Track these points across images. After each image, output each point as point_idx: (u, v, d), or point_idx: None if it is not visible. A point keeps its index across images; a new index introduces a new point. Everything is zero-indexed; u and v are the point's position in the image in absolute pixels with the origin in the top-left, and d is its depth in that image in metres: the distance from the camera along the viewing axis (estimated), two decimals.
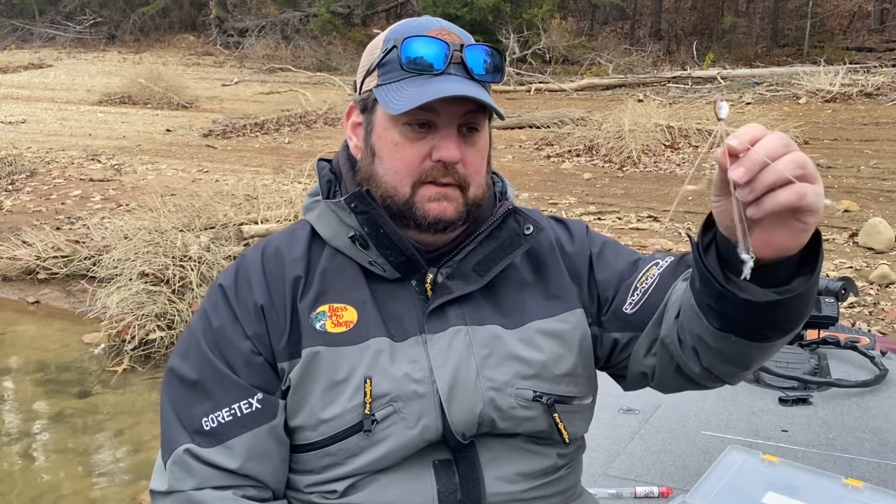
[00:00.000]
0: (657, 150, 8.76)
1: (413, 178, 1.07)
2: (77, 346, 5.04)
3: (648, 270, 1.15)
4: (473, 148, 1.10)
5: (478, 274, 1.12)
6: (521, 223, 1.15)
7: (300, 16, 20.46)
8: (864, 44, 16.58)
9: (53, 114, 12.69)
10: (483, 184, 1.12)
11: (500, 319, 1.12)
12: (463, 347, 1.08)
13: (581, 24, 19.11)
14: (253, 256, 1.14)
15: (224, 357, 1.08)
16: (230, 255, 5.32)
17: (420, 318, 1.09)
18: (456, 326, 1.09)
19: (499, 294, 1.14)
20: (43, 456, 3.87)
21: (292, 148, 10.12)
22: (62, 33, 22.32)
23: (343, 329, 1.07)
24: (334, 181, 1.18)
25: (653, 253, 1.22)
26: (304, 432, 1.07)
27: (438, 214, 1.08)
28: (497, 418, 1.07)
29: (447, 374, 1.06)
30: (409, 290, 1.11)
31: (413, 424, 1.04)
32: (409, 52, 1.06)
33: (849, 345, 1.96)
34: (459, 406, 1.05)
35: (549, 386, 1.10)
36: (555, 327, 1.13)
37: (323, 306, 1.08)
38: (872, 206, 6.65)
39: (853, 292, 2.17)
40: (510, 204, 1.16)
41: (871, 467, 1.55)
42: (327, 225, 1.12)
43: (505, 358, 1.09)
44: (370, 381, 1.04)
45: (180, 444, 1.06)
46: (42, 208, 7.37)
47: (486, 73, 1.08)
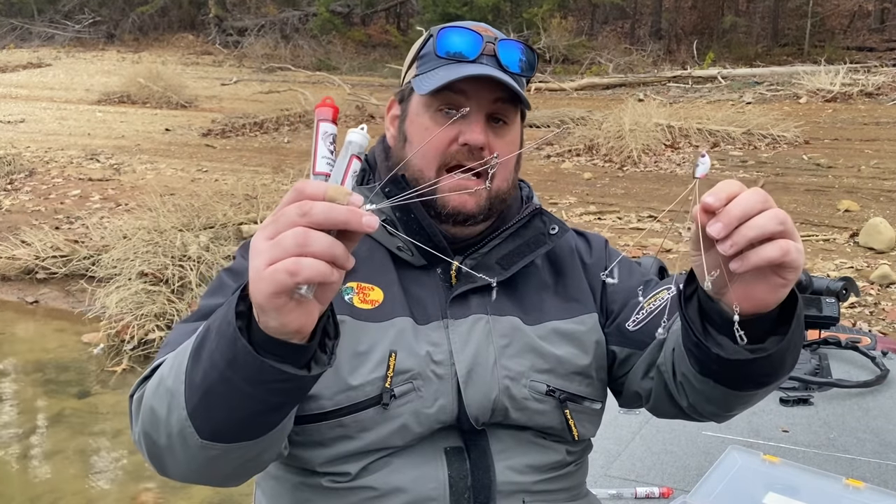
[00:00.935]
0: (657, 149, 8.76)
1: (439, 162, 1.11)
2: (76, 345, 5.04)
3: (659, 293, 1.17)
4: (501, 139, 1.12)
5: (501, 267, 1.15)
6: (547, 223, 1.20)
7: (299, 15, 20.45)
8: (864, 43, 16.58)
9: (52, 113, 12.68)
10: (509, 178, 1.16)
11: (519, 314, 1.15)
12: (483, 335, 1.11)
13: (581, 23, 19.11)
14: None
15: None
16: (229, 254, 5.31)
17: (443, 304, 1.12)
18: (477, 314, 1.12)
19: (520, 291, 1.17)
20: (42, 456, 3.86)
21: (291, 147, 10.11)
22: (61, 32, 22.30)
23: (369, 307, 1.10)
24: (368, 171, 1.22)
25: (674, 276, 1.21)
26: (319, 401, 1.05)
27: (458, 206, 1.11)
28: (510, 407, 1.09)
29: (466, 358, 1.09)
30: (433, 277, 1.14)
31: (430, 404, 1.06)
32: (444, 40, 1.11)
33: (850, 345, 1.95)
34: (476, 390, 1.08)
35: (563, 382, 1.13)
36: (571, 328, 1.16)
37: (351, 283, 1.11)
38: (873, 206, 6.65)
39: (854, 292, 2.16)
40: (537, 204, 1.21)
41: (871, 468, 1.55)
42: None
43: (523, 349, 1.12)
44: (395, 356, 1.06)
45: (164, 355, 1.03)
46: (41, 208, 7.37)
47: (518, 67, 1.12)
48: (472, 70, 1.08)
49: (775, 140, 8.96)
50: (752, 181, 7.63)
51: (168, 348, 1.03)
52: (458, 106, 1.09)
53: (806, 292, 2.07)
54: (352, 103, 12.27)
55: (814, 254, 5.57)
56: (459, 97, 1.10)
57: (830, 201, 6.89)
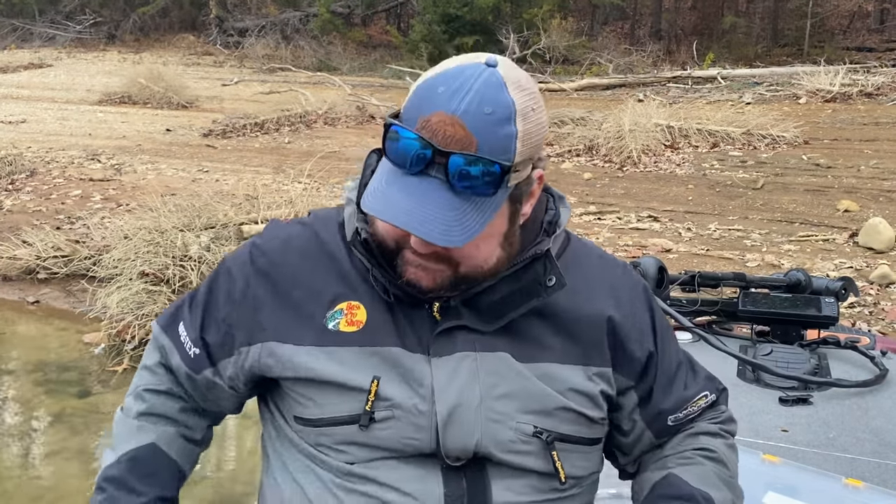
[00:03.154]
0: (657, 149, 8.77)
1: (394, 241, 1.04)
2: (77, 345, 5.05)
3: (699, 399, 1.19)
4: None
5: (492, 314, 1.07)
6: (547, 270, 1.07)
7: (300, 16, 20.45)
8: (864, 44, 16.58)
9: (53, 113, 12.68)
10: (482, 264, 1.04)
11: (511, 349, 1.07)
12: (469, 374, 1.05)
13: (581, 23, 19.11)
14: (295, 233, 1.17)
15: (211, 300, 1.16)
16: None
17: (428, 338, 1.07)
18: (464, 352, 1.06)
19: (516, 327, 1.09)
20: (43, 456, 3.87)
21: (292, 148, 10.12)
22: (62, 33, 22.31)
23: (354, 328, 1.07)
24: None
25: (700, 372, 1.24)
26: (310, 407, 1.08)
27: (413, 280, 1.03)
28: (495, 451, 1.05)
29: (449, 398, 1.04)
30: (421, 308, 1.08)
31: (408, 435, 1.04)
32: (390, 146, 0.98)
33: (849, 345, 1.95)
34: (456, 432, 1.04)
35: (552, 423, 1.07)
36: (566, 374, 1.09)
37: (341, 304, 1.08)
38: (872, 206, 6.66)
39: (853, 292, 2.17)
40: (542, 248, 1.08)
41: (871, 467, 1.55)
42: (350, 229, 1.11)
43: (511, 388, 1.06)
44: (378, 382, 1.04)
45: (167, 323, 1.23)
46: (42, 208, 7.37)
47: (467, 186, 0.95)
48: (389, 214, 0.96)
49: (775, 140, 8.97)
50: (752, 181, 7.64)
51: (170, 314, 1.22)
52: None
53: (805, 292, 2.08)
54: (352, 104, 12.27)
55: (813, 254, 5.58)
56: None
57: (830, 201, 6.90)
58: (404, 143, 0.97)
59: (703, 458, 1.14)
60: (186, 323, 1.17)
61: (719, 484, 1.11)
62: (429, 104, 0.97)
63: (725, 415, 1.23)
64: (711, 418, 1.21)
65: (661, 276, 1.99)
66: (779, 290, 2.11)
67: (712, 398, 1.21)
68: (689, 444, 1.16)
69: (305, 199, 6.11)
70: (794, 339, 1.97)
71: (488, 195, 0.97)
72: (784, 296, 2.03)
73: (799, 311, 1.96)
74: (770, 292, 2.09)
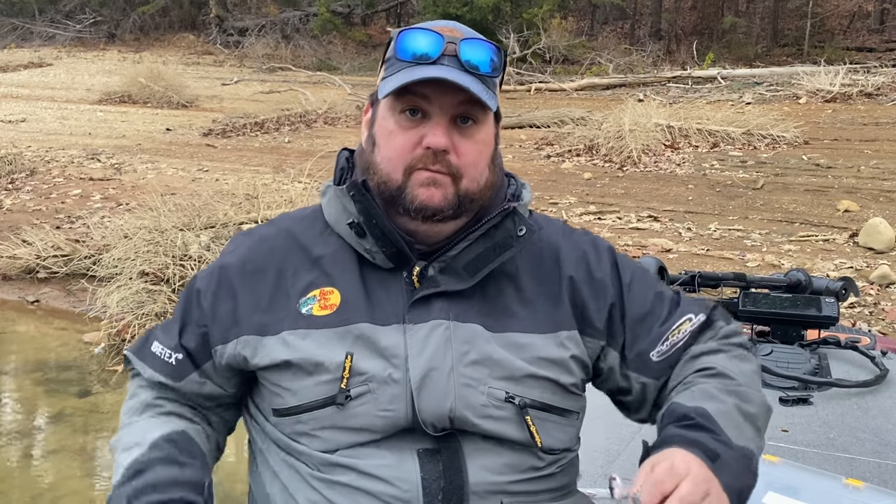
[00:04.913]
0: (657, 149, 8.77)
1: (404, 165, 1.10)
2: (77, 345, 5.05)
3: (682, 325, 1.17)
4: (469, 139, 1.11)
5: (468, 273, 1.12)
6: (516, 224, 1.14)
7: (300, 15, 20.46)
8: (864, 44, 16.58)
9: (53, 113, 12.69)
10: (479, 178, 1.13)
11: (482, 320, 1.12)
12: (441, 341, 1.08)
13: (581, 23, 19.11)
14: (263, 233, 1.22)
15: (188, 307, 1.19)
16: None
17: (404, 307, 1.11)
18: (438, 320, 1.10)
19: (488, 295, 1.14)
20: (43, 455, 3.87)
21: (292, 147, 10.12)
22: (62, 32, 22.31)
23: (328, 312, 1.10)
24: (347, 169, 1.21)
25: (686, 301, 1.21)
26: (285, 396, 1.11)
27: (425, 200, 1.09)
28: (471, 416, 1.07)
29: (421, 364, 1.07)
30: (399, 280, 1.13)
31: (385, 407, 1.06)
32: (403, 42, 1.09)
33: (849, 345, 1.95)
34: (429, 397, 1.06)
35: (523, 389, 1.10)
36: (534, 343, 1.12)
37: (314, 291, 1.12)
38: (872, 207, 6.66)
39: (853, 292, 2.17)
40: (511, 204, 1.15)
41: (871, 467, 1.55)
42: (332, 210, 1.17)
43: (482, 356, 1.09)
44: (351, 358, 1.07)
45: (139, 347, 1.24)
46: (42, 207, 7.37)
47: (482, 66, 1.09)
48: (428, 73, 1.06)
49: (775, 140, 8.97)
50: (752, 181, 7.65)
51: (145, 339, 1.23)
52: (422, 109, 1.09)
53: (805, 292, 2.08)
54: (352, 103, 12.27)
55: (813, 254, 5.58)
56: (422, 101, 1.08)
57: (830, 201, 6.90)
58: (419, 36, 1.09)
59: (701, 378, 1.12)
60: (160, 339, 1.20)
61: (718, 395, 1.07)
62: (422, 28, 1.11)
63: (724, 329, 1.20)
64: (709, 338, 1.18)
65: (661, 276, 1.98)
66: (779, 290, 2.11)
67: (700, 318, 1.18)
68: (689, 368, 1.15)
69: (305, 198, 6.11)
70: (794, 340, 1.97)
71: (495, 75, 1.11)
72: (784, 296, 2.03)
73: (799, 311, 1.96)
74: (770, 292, 2.08)
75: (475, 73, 1.09)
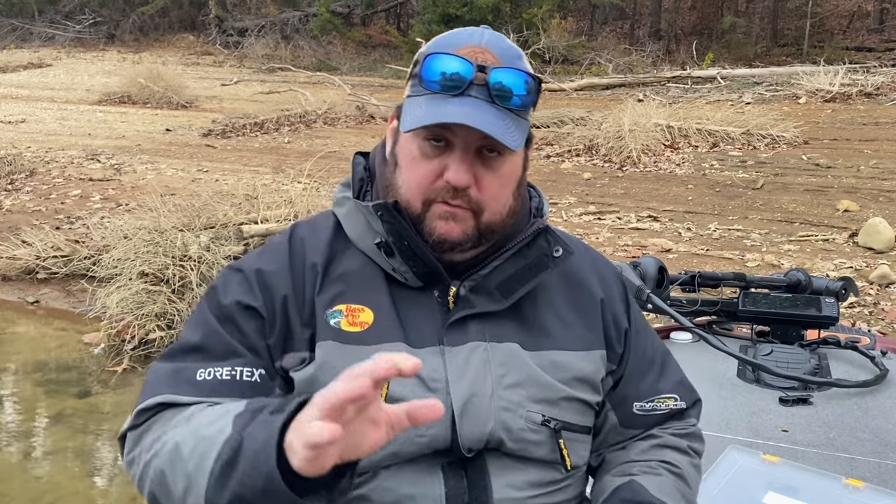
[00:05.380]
0: (657, 149, 8.77)
1: (423, 196, 1.06)
2: (77, 345, 5.04)
3: (668, 399, 1.21)
4: (493, 172, 1.06)
5: (501, 294, 1.11)
6: (551, 244, 1.13)
7: (300, 15, 20.45)
8: (863, 44, 16.58)
9: (53, 113, 12.68)
10: (501, 210, 1.09)
11: (520, 338, 1.11)
12: (480, 364, 1.07)
13: (581, 23, 19.11)
14: (280, 243, 1.14)
15: (231, 330, 1.06)
16: (230, 254, 5.32)
17: (440, 329, 1.08)
18: (475, 342, 1.08)
19: (523, 312, 1.13)
20: (43, 456, 3.86)
21: (292, 148, 10.12)
22: (61, 33, 22.30)
23: (358, 329, 1.06)
24: (366, 180, 1.17)
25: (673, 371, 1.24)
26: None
27: (443, 234, 1.06)
28: (506, 439, 1.07)
29: (463, 389, 1.05)
30: (430, 299, 1.10)
31: (422, 432, 1.03)
32: (428, 71, 1.04)
33: (849, 345, 1.95)
34: (471, 422, 1.05)
35: (558, 412, 1.10)
36: (572, 361, 1.13)
37: (340, 305, 1.08)
38: (872, 206, 6.65)
39: (853, 292, 2.17)
40: (542, 223, 1.14)
41: (871, 467, 1.55)
42: (355, 225, 1.12)
43: (520, 378, 1.08)
44: (387, 385, 1.01)
45: (158, 393, 1.02)
46: (41, 208, 7.37)
47: (513, 100, 1.03)
48: (451, 113, 1.00)
49: (774, 140, 8.97)
50: (752, 181, 7.64)
51: (157, 386, 1.03)
52: (445, 138, 1.04)
53: (805, 292, 2.08)
54: (352, 104, 12.27)
55: (813, 254, 5.58)
56: (445, 131, 1.03)
57: (830, 201, 6.90)
58: (446, 63, 1.03)
59: (666, 472, 1.15)
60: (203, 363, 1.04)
61: (678, 497, 1.12)
62: (450, 45, 1.06)
63: (693, 429, 1.24)
64: (679, 429, 1.22)
65: (661, 276, 1.98)
66: (779, 290, 2.11)
67: (681, 405, 1.22)
68: (655, 455, 1.18)
69: (305, 198, 6.10)
70: (794, 340, 1.97)
71: (524, 107, 1.06)
72: (784, 296, 2.03)
73: (799, 311, 1.96)
74: (770, 292, 2.09)
75: (505, 106, 1.03)
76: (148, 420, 1.04)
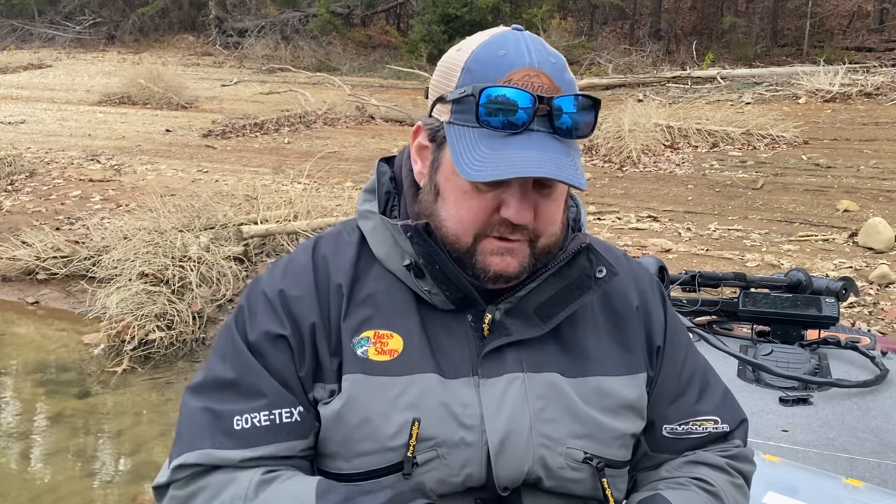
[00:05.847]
0: (657, 150, 8.77)
1: (477, 231, 0.99)
2: (76, 346, 5.04)
3: (706, 422, 1.12)
4: (549, 200, 0.99)
5: (540, 318, 1.03)
6: (594, 263, 1.05)
7: (300, 16, 20.46)
8: (863, 44, 16.59)
9: (53, 114, 12.68)
10: (556, 231, 1.02)
11: (560, 366, 1.03)
12: (518, 398, 1.00)
13: (581, 24, 19.12)
14: (303, 264, 1.06)
15: (264, 363, 1.00)
16: (230, 255, 5.32)
17: (474, 359, 1.01)
18: (513, 373, 1.01)
19: (563, 337, 1.05)
20: (42, 456, 3.86)
21: (292, 148, 10.12)
22: (61, 33, 22.31)
23: (387, 358, 0.99)
24: (393, 193, 1.09)
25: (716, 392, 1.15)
26: (337, 462, 1.01)
27: (500, 270, 0.99)
28: (544, 477, 1.01)
29: (500, 426, 0.98)
30: (463, 324, 1.03)
31: (456, 472, 0.98)
32: (488, 106, 0.93)
33: (849, 345, 1.95)
34: (508, 461, 0.99)
35: (601, 448, 1.04)
36: (617, 388, 1.05)
37: (367, 332, 1.01)
38: (872, 206, 6.66)
39: (853, 292, 2.17)
40: (585, 239, 1.05)
41: (871, 467, 1.55)
42: (382, 244, 1.04)
43: (560, 413, 1.01)
44: (418, 424, 0.96)
45: (197, 447, 0.97)
46: (41, 209, 7.37)
47: (576, 129, 0.96)
48: (521, 163, 0.92)
49: (774, 140, 8.97)
50: (752, 181, 7.64)
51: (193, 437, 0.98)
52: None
53: (805, 292, 2.08)
54: (352, 104, 12.27)
55: (813, 254, 5.58)
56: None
57: (829, 201, 6.90)
58: (510, 97, 0.93)
59: (697, 488, 1.06)
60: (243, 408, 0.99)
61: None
62: (499, 67, 0.95)
63: (738, 450, 1.14)
64: (721, 450, 1.13)
65: (661, 276, 1.98)
66: (779, 290, 2.11)
67: (723, 428, 1.13)
68: (687, 471, 1.10)
69: (305, 199, 6.10)
70: (794, 340, 1.97)
71: (587, 135, 0.97)
72: (784, 296, 2.03)
73: (799, 311, 1.96)
74: (770, 292, 2.08)
75: (568, 137, 0.96)
76: (189, 480, 0.98)
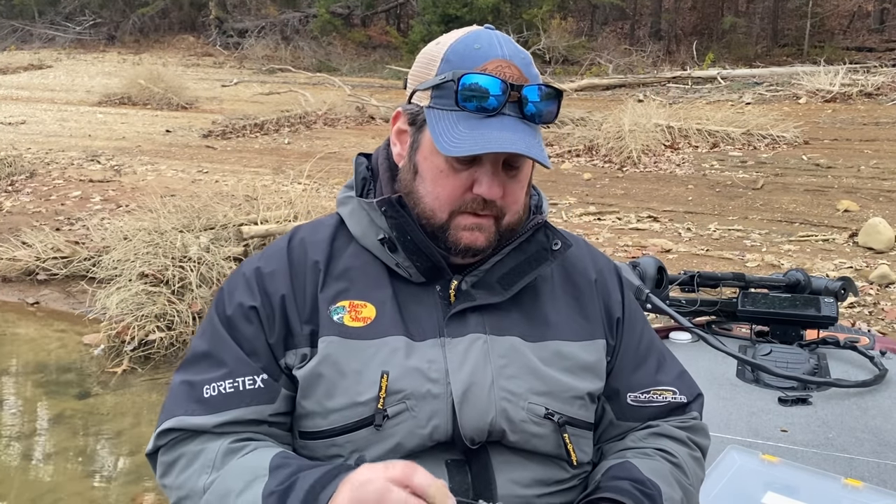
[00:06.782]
0: (657, 150, 8.77)
1: (452, 207, 1.09)
2: (77, 347, 5.04)
3: (665, 391, 1.21)
4: (515, 181, 1.11)
5: (502, 286, 1.13)
6: (550, 238, 1.17)
7: (300, 16, 20.47)
8: (864, 44, 16.60)
9: (53, 115, 12.69)
10: (520, 210, 1.14)
11: (521, 331, 1.12)
12: (480, 355, 1.08)
13: (581, 24, 19.13)
14: (279, 245, 1.17)
15: (234, 335, 1.10)
16: (230, 255, 5.32)
17: (441, 322, 1.10)
18: (475, 333, 1.10)
19: (524, 305, 1.15)
20: (43, 456, 3.86)
21: (292, 148, 10.12)
22: (62, 34, 22.33)
23: (360, 324, 1.09)
24: (369, 179, 1.19)
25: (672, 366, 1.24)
26: (314, 419, 1.08)
27: (469, 243, 1.10)
28: (508, 430, 1.07)
29: (463, 378, 1.06)
30: (432, 294, 1.12)
31: (423, 424, 1.05)
32: (465, 91, 1.05)
33: (848, 345, 1.95)
34: (471, 411, 1.06)
35: (562, 406, 1.11)
36: (575, 352, 1.14)
37: (343, 301, 1.10)
38: (872, 206, 6.66)
39: (853, 292, 2.17)
40: (541, 218, 1.17)
41: (870, 467, 1.55)
42: (358, 223, 1.15)
43: (521, 371, 1.09)
44: (387, 377, 1.04)
45: (174, 415, 1.08)
46: (42, 209, 7.37)
47: (541, 115, 1.08)
48: (496, 141, 1.03)
49: (775, 140, 8.97)
50: (752, 181, 7.64)
51: (172, 406, 1.09)
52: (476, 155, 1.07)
53: (804, 292, 2.08)
54: (352, 104, 12.28)
55: (813, 254, 5.58)
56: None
57: (830, 201, 6.90)
58: (484, 84, 1.05)
59: (661, 458, 1.14)
60: (212, 377, 1.08)
61: (672, 482, 1.11)
62: (473, 59, 1.08)
63: (696, 423, 1.22)
64: (680, 421, 1.21)
65: (660, 276, 1.98)
66: (778, 290, 2.11)
67: (681, 398, 1.21)
68: (652, 442, 1.17)
69: (305, 199, 6.11)
70: (793, 339, 1.97)
71: (550, 121, 1.10)
72: (783, 296, 2.03)
73: (798, 311, 1.96)
74: (769, 292, 2.08)
75: (534, 122, 1.08)
76: (172, 446, 1.08)
